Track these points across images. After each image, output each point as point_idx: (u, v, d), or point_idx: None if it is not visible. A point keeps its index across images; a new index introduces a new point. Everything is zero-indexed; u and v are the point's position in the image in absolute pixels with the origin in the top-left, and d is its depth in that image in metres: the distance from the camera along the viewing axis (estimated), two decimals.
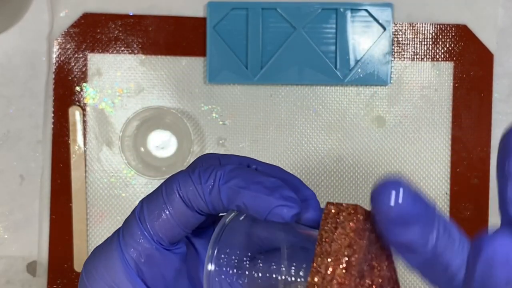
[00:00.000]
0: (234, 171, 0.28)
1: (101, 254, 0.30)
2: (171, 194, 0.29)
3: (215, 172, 0.28)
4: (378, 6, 0.63)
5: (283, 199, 0.27)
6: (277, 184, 0.28)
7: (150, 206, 0.29)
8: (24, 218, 0.63)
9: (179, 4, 0.64)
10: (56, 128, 0.63)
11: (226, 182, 0.28)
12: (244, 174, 0.28)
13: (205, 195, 0.28)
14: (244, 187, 0.28)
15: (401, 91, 0.64)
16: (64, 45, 0.63)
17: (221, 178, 0.28)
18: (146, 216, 0.29)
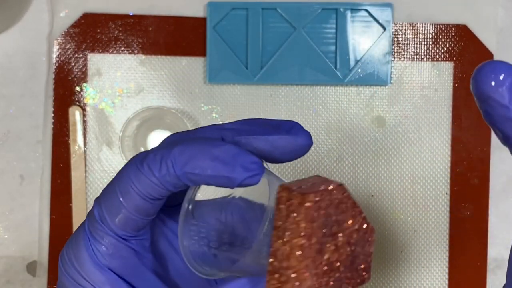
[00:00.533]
0: (184, 152, 0.27)
1: (72, 242, 0.30)
2: (127, 194, 0.28)
3: (165, 160, 0.27)
4: (378, 6, 0.63)
5: (246, 170, 0.27)
6: (234, 152, 0.27)
7: (108, 206, 0.29)
8: (24, 218, 0.63)
9: (179, 4, 0.64)
10: (56, 128, 0.63)
11: (182, 167, 0.27)
12: (197, 151, 0.27)
13: (163, 184, 0.28)
14: (203, 168, 0.27)
15: (401, 91, 0.64)
16: (64, 45, 0.63)
17: (174, 165, 0.27)
18: (106, 217, 0.29)
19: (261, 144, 0.28)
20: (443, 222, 0.63)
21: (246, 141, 0.29)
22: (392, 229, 0.63)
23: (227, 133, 0.29)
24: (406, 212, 0.64)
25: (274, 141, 0.29)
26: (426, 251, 0.63)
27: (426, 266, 0.64)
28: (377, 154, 0.64)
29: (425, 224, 0.63)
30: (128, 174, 0.29)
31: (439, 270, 0.63)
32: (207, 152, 0.27)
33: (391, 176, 0.64)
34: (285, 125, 0.29)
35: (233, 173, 0.27)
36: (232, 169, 0.27)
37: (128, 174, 0.29)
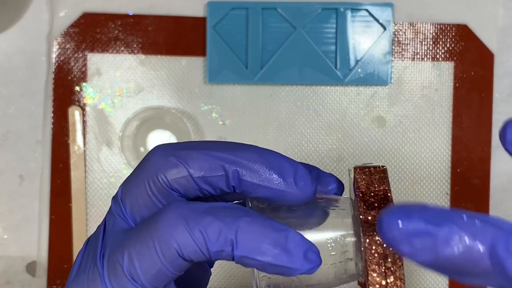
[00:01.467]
0: (246, 233, 0.25)
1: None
2: (169, 256, 0.26)
3: (224, 236, 0.25)
4: (378, 6, 0.63)
5: (308, 262, 0.26)
6: (297, 240, 0.26)
7: (142, 263, 0.26)
8: (24, 218, 0.63)
9: (179, 4, 0.64)
10: (55, 128, 0.63)
11: (242, 251, 0.25)
12: (259, 234, 0.25)
13: (213, 258, 0.26)
14: (264, 255, 0.25)
15: (401, 91, 0.64)
16: (63, 45, 0.63)
17: (234, 245, 0.25)
18: (140, 275, 0.26)
19: (267, 193, 0.27)
20: None
21: (251, 187, 0.27)
22: None
23: (230, 168, 0.27)
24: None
25: (280, 194, 0.27)
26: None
27: None
28: (377, 154, 0.64)
29: None
30: (173, 232, 0.25)
31: None
32: (272, 238, 0.25)
33: (391, 176, 0.63)
34: (295, 175, 0.27)
35: (294, 264, 0.25)
36: (294, 260, 0.25)
37: (173, 232, 0.25)
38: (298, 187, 0.27)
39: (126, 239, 0.27)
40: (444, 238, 0.21)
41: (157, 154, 0.28)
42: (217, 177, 0.27)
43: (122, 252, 0.27)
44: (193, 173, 0.27)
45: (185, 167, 0.27)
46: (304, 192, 0.27)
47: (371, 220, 0.27)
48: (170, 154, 0.27)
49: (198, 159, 0.27)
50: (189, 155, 0.27)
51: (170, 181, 0.27)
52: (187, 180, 0.27)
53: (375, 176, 0.28)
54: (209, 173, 0.27)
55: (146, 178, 0.27)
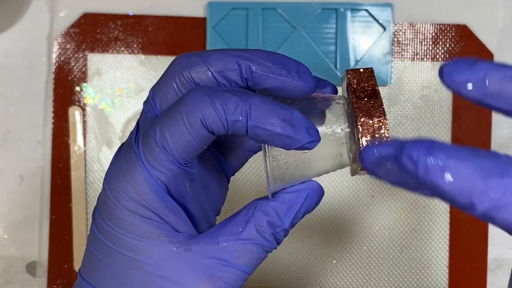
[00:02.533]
0: (259, 106, 0.29)
1: (126, 175, 0.31)
2: (195, 125, 0.30)
3: (241, 107, 0.29)
4: (378, 6, 0.63)
5: (309, 136, 0.30)
6: (301, 118, 0.30)
7: (173, 134, 0.30)
8: (24, 218, 0.63)
9: (179, 4, 0.64)
10: (56, 128, 0.63)
11: (255, 121, 0.29)
12: (270, 109, 0.30)
13: (230, 129, 0.30)
14: (274, 126, 0.29)
15: (401, 91, 0.64)
16: (64, 45, 0.63)
17: (249, 116, 0.29)
18: (171, 145, 0.30)
19: (275, 83, 0.31)
20: (443, 222, 0.63)
21: (261, 78, 0.31)
22: (392, 229, 0.63)
23: (243, 63, 0.31)
24: (406, 212, 0.64)
25: (286, 84, 0.32)
26: (426, 251, 0.63)
27: (426, 266, 0.63)
28: None
29: (425, 224, 0.63)
30: (199, 105, 0.30)
31: (439, 270, 0.63)
32: (280, 113, 0.30)
33: None
34: (298, 70, 0.32)
35: (298, 135, 0.30)
36: (298, 132, 0.30)
37: (199, 105, 0.30)
38: (301, 79, 0.32)
39: (157, 119, 0.31)
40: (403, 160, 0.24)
41: (181, 57, 0.32)
42: (232, 70, 0.31)
43: (155, 128, 0.31)
44: (212, 69, 0.31)
45: (205, 64, 0.31)
46: (306, 84, 0.32)
47: (362, 106, 0.32)
48: (192, 55, 0.31)
49: (216, 57, 0.31)
50: (209, 55, 0.31)
51: (194, 77, 0.31)
52: (207, 75, 0.31)
53: (364, 75, 0.33)
54: (226, 67, 0.31)
55: (173, 76, 0.32)
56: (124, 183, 0.31)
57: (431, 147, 0.23)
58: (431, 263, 0.64)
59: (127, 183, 0.31)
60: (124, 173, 0.31)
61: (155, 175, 0.31)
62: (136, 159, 0.31)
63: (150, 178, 0.31)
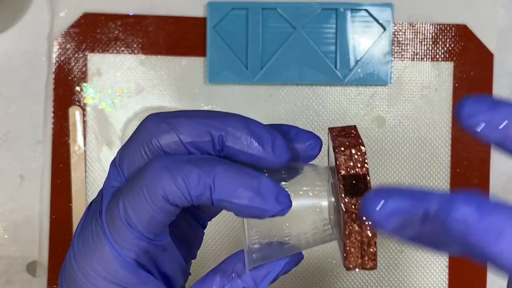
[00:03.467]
0: (223, 177, 0.28)
1: (94, 253, 0.30)
2: (157, 201, 0.28)
3: (203, 181, 0.28)
4: (378, 6, 0.63)
5: (279, 204, 0.28)
6: (269, 185, 0.29)
7: (136, 211, 0.29)
8: (24, 218, 0.63)
9: (179, 4, 0.64)
10: (56, 128, 0.63)
11: (219, 195, 0.28)
12: (235, 179, 0.28)
13: (194, 202, 0.29)
14: (240, 198, 0.28)
15: (401, 91, 0.64)
16: (64, 45, 0.63)
17: (213, 190, 0.28)
18: (136, 222, 0.29)
19: (247, 158, 0.30)
20: None
21: (234, 151, 0.30)
22: None
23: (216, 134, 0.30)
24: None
25: (259, 159, 0.30)
26: (426, 251, 0.63)
27: (426, 266, 0.64)
28: (377, 154, 0.64)
29: None
30: (159, 180, 0.28)
31: (439, 270, 0.63)
32: (246, 183, 0.28)
33: (391, 176, 0.64)
34: (274, 143, 0.30)
35: (267, 205, 0.28)
36: (267, 202, 0.28)
37: (159, 180, 0.28)
38: (275, 153, 0.30)
39: (119, 193, 0.30)
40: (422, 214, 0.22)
41: (151, 121, 0.30)
42: (204, 142, 0.30)
43: (118, 203, 0.29)
44: (183, 138, 0.29)
45: (175, 133, 0.29)
46: (279, 159, 0.30)
47: (352, 207, 0.29)
48: (162, 121, 0.30)
49: (187, 126, 0.30)
50: (180, 122, 0.30)
51: (163, 145, 0.30)
52: (177, 145, 0.30)
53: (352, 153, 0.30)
54: (197, 139, 0.30)
55: (141, 143, 0.30)
56: (93, 262, 0.30)
57: (482, 206, 0.20)
58: (431, 263, 0.64)
59: (96, 261, 0.30)
60: (92, 251, 0.30)
61: (124, 253, 0.30)
62: (104, 237, 0.30)
63: (119, 256, 0.30)
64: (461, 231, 0.20)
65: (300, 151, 0.32)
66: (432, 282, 0.63)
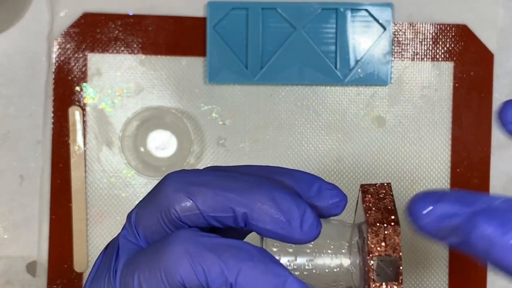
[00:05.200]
0: (247, 277, 0.26)
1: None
2: (174, 285, 0.27)
3: (224, 278, 0.27)
4: (378, 6, 0.63)
5: None
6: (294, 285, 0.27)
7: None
8: (24, 218, 0.63)
9: (179, 4, 0.64)
10: (56, 128, 0.63)
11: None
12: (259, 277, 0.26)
13: None
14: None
15: (401, 91, 0.64)
16: (64, 45, 0.63)
17: (233, 287, 0.26)
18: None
19: (271, 235, 0.28)
20: None
21: (257, 228, 0.28)
22: None
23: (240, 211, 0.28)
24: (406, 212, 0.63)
25: (284, 237, 0.28)
26: (426, 251, 0.63)
27: (426, 266, 0.63)
28: (377, 154, 0.64)
29: None
30: (178, 266, 0.27)
31: (439, 270, 0.63)
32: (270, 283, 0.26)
33: (391, 176, 0.64)
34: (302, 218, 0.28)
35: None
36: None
37: (178, 266, 0.27)
38: (302, 231, 0.28)
39: (136, 263, 0.28)
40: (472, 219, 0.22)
41: (170, 187, 0.29)
42: (226, 217, 0.28)
43: (133, 276, 0.28)
44: (203, 210, 0.28)
45: (196, 205, 0.28)
46: (308, 236, 0.28)
47: None
48: (182, 190, 0.28)
49: (209, 197, 0.28)
50: (201, 193, 0.28)
51: (182, 216, 0.28)
52: (197, 217, 0.28)
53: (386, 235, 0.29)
54: (219, 213, 0.28)
55: (159, 209, 0.29)
56: None
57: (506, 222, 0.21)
58: (431, 263, 0.63)
59: None
60: None
61: None
62: None
63: None
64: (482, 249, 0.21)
65: (323, 209, 0.30)
66: (432, 282, 0.63)
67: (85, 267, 0.62)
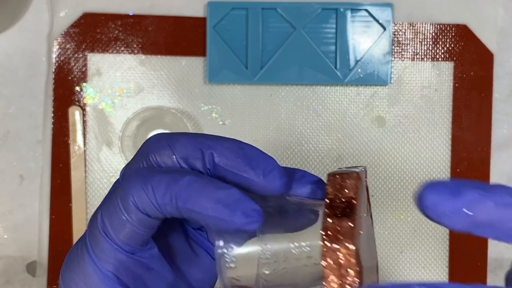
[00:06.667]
0: (190, 187, 0.28)
1: (76, 267, 0.30)
2: (129, 209, 0.28)
3: (170, 190, 0.28)
4: (378, 6, 0.63)
5: (245, 216, 0.27)
6: (237, 197, 0.28)
7: (111, 220, 0.29)
8: (24, 218, 0.63)
9: (179, 4, 0.64)
10: (56, 128, 0.63)
11: (185, 203, 0.28)
12: (202, 189, 0.28)
13: (163, 212, 0.28)
14: (205, 208, 0.28)
15: (401, 91, 0.64)
16: (64, 45, 0.63)
17: (178, 198, 0.28)
18: (110, 231, 0.29)
19: (236, 179, 0.29)
20: None
21: (223, 171, 0.29)
22: (392, 229, 0.63)
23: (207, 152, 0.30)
24: (406, 212, 0.64)
25: (248, 182, 0.29)
26: (426, 251, 0.63)
27: (426, 266, 0.64)
28: (377, 154, 0.64)
29: (425, 224, 0.63)
30: (131, 188, 0.29)
31: (439, 270, 0.63)
32: (211, 193, 0.28)
33: (391, 176, 0.64)
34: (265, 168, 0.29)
35: (232, 217, 0.27)
36: (232, 213, 0.27)
37: (131, 188, 0.29)
38: (265, 178, 0.29)
39: (100, 205, 0.30)
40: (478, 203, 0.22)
41: (153, 138, 0.31)
42: (196, 158, 0.30)
43: (96, 215, 0.30)
44: (177, 154, 0.30)
45: (171, 149, 0.30)
46: (271, 184, 0.29)
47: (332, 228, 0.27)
48: (162, 138, 0.31)
49: (183, 142, 0.30)
50: (177, 139, 0.30)
51: (159, 160, 0.30)
52: (172, 160, 0.30)
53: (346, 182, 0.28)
54: (189, 155, 0.30)
55: (141, 157, 0.31)
56: (74, 276, 0.30)
57: None
58: (431, 263, 0.64)
59: (77, 275, 0.30)
60: (74, 265, 0.30)
61: (103, 265, 0.29)
62: (85, 249, 0.30)
63: (98, 269, 0.29)
64: None
65: (304, 194, 0.31)
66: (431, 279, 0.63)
67: None
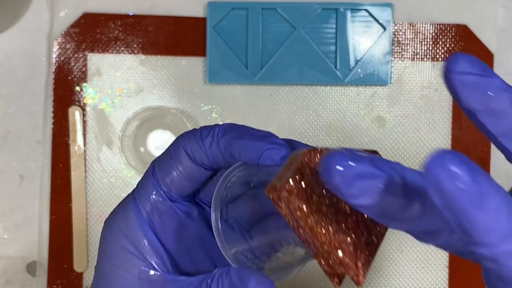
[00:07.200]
0: (229, 127, 0.32)
1: (119, 207, 0.33)
2: (178, 151, 0.32)
3: (213, 129, 0.32)
4: (378, 6, 0.63)
5: (272, 143, 0.31)
6: (267, 133, 0.31)
7: (161, 163, 0.32)
8: (24, 218, 0.63)
9: (179, 4, 0.64)
10: (56, 128, 0.63)
11: (223, 136, 0.31)
12: (238, 128, 0.32)
13: (205, 148, 0.32)
14: (238, 137, 0.31)
15: (401, 91, 0.64)
16: (64, 45, 0.63)
17: (219, 132, 0.32)
18: (157, 173, 0.32)
19: None
20: None
21: None
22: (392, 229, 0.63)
23: None
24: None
25: None
26: (426, 251, 0.63)
27: (426, 266, 0.63)
28: None
29: None
30: (183, 136, 0.33)
31: (439, 270, 0.63)
32: (248, 130, 0.32)
33: None
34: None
35: (261, 141, 0.31)
36: (261, 139, 0.31)
37: (183, 136, 0.33)
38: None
39: (179, 140, 0.33)
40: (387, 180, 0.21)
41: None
42: None
43: (152, 164, 0.33)
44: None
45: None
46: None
47: None
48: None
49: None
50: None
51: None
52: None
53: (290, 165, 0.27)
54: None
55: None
56: (115, 216, 0.33)
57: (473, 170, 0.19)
58: (431, 263, 0.64)
59: (118, 216, 0.33)
60: (118, 207, 0.33)
61: (141, 203, 0.32)
62: (132, 192, 0.33)
63: (136, 206, 0.32)
64: None
65: None
66: (432, 282, 0.63)
67: (85, 267, 0.62)
